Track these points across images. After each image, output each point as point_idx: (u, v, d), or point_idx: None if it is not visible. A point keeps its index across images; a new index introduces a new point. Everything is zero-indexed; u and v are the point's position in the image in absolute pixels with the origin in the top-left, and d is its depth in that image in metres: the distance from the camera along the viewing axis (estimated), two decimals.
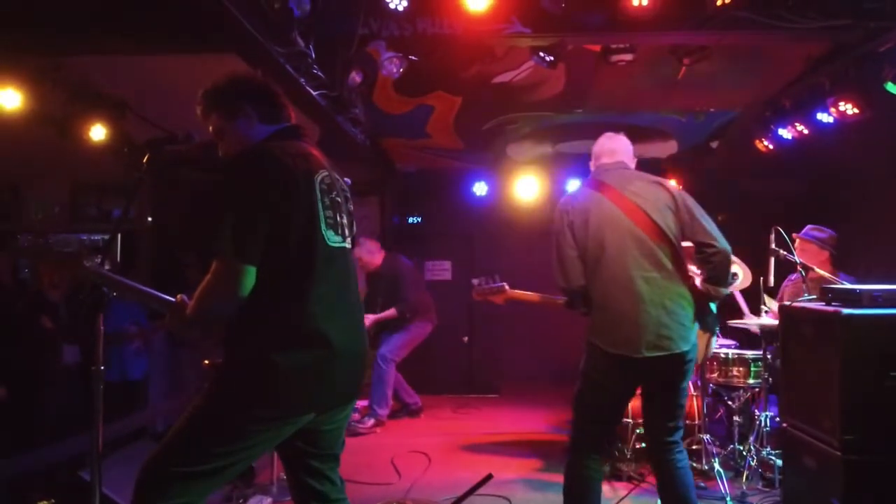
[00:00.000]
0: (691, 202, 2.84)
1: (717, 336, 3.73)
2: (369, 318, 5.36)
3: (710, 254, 2.76)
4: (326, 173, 2.08)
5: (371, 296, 5.70)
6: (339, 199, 2.09)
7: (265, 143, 2.05)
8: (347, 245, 2.12)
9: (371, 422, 5.43)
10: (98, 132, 4.77)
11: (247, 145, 2.07)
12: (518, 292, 3.66)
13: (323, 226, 1.99)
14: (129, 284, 2.19)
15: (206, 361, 2.67)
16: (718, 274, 2.79)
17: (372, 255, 5.74)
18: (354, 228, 2.21)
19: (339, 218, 2.08)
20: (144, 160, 2.30)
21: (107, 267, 6.72)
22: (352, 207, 2.21)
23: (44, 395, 4.82)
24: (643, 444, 3.90)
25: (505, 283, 3.59)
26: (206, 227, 1.92)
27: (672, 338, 2.70)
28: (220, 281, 1.89)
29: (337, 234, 2.05)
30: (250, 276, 1.87)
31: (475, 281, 3.66)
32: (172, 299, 2.09)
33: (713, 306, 2.92)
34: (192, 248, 6.49)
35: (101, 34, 3.84)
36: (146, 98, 4.89)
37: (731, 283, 3.00)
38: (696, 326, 2.83)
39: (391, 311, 5.60)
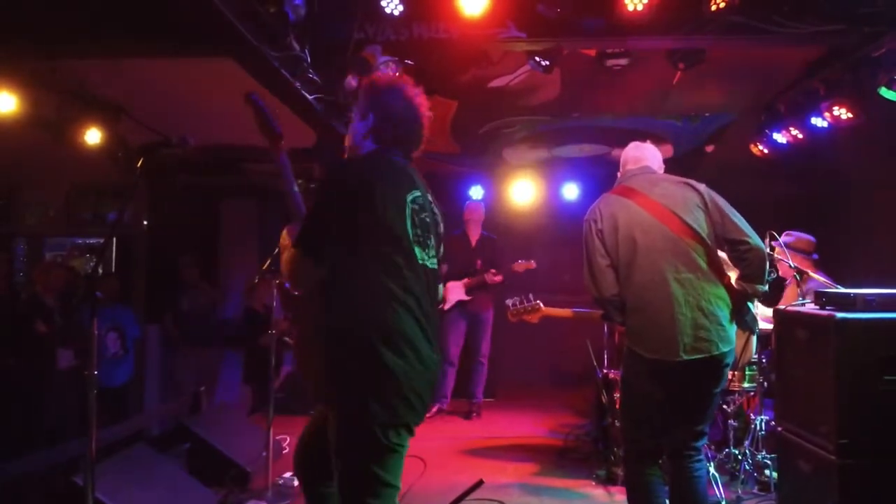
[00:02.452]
0: (721, 200, 2.80)
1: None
2: (499, 276, 6.01)
3: (743, 251, 2.72)
4: (419, 194, 2.18)
5: (465, 260, 6.15)
6: (427, 220, 2.18)
7: (368, 154, 2.22)
8: (430, 265, 2.17)
9: (478, 406, 6.22)
10: (93, 136, 4.77)
11: (353, 148, 2.28)
12: (553, 310, 3.61)
13: (411, 241, 2.08)
14: (290, 177, 2.32)
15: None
16: (754, 271, 2.74)
17: (481, 220, 6.27)
18: (441, 251, 2.29)
19: (427, 239, 2.17)
20: (139, 164, 2.30)
21: (101, 271, 6.74)
22: (441, 230, 2.30)
23: (38, 399, 4.80)
24: None
25: (539, 302, 3.55)
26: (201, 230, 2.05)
27: (711, 339, 2.65)
28: (287, 261, 2.09)
29: (423, 251, 2.14)
30: (307, 265, 2.04)
31: (509, 302, 3.64)
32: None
33: (751, 305, 2.89)
34: (188, 250, 6.49)
35: (97, 38, 3.83)
36: (142, 102, 4.88)
37: (769, 281, 2.97)
38: (734, 327, 2.78)
39: (500, 277, 6.08)
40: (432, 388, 2.15)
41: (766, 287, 2.82)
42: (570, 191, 7.43)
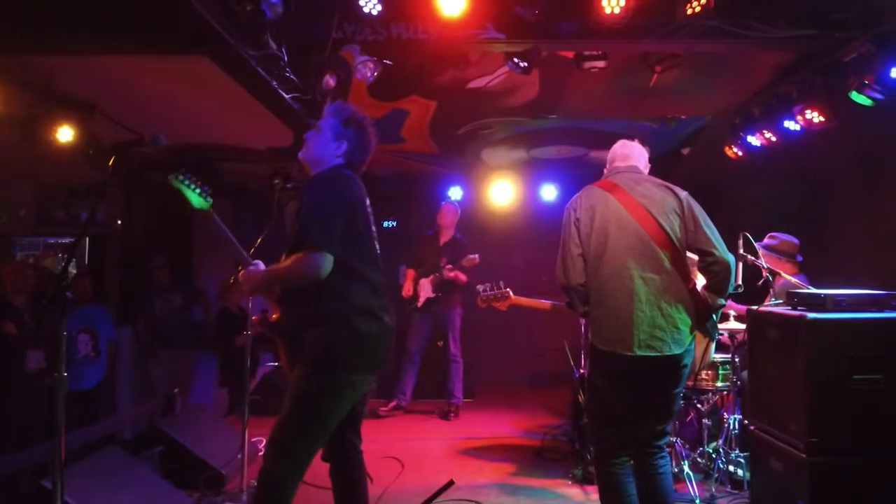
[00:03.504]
0: (698, 209, 2.86)
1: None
2: (452, 272, 6.07)
3: (710, 262, 2.78)
4: (368, 201, 2.76)
5: (433, 259, 6.24)
6: (373, 220, 2.79)
7: (340, 168, 2.73)
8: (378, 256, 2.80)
9: (457, 404, 6.26)
10: (65, 134, 4.67)
11: (321, 163, 2.74)
12: (522, 299, 3.67)
13: (373, 239, 2.73)
14: (230, 237, 2.75)
15: (255, 317, 3.07)
16: (717, 284, 2.80)
17: (454, 223, 6.37)
18: None
19: (376, 235, 2.78)
20: (110, 162, 2.27)
21: (74, 271, 6.60)
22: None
23: (6, 401, 4.70)
24: None
25: (509, 290, 3.60)
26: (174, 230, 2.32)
27: (665, 340, 2.71)
28: (301, 261, 2.51)
29: (376, 245, 2.76)
30: (329, 261, 2.50)
31: (480, 287, 3.69)
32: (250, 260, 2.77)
33: (713, 315, 2.93)
34: (161, 251, 6.40)
35: (69, 34, 3.76)
36: (115, 100, 4.80)
37: (735, 293, 3.03)
38: (694, 332, 2.82)
39: (464, 277, 6.13)
40: (387, 350, 2.72)
41: (725, 302, 2.89)
42: (549, 192, 7.47)
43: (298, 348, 2.60)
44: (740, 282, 3.47)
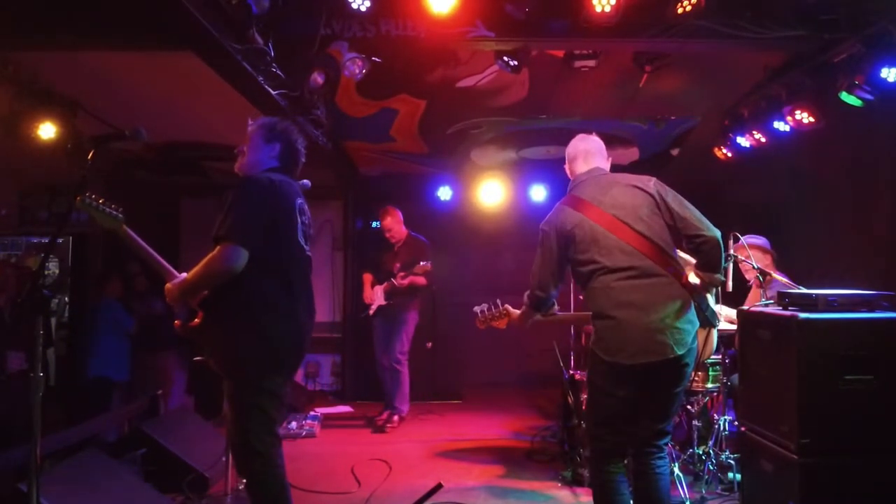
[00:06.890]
0: (671, 197, 2.84)
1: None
2: (406, 279, 5.70)
3: (699, 243, 2.77)
4: (302, 201, 2.86)
5: (388, 264, 5.92)
6: (306, 222, 2.88)
7: (267, 171, 2.80)
8: (308, 253, 2.89)
9: (396, 418, 5.79)
10: (48, 130, 4.59)
11: (256, 167, 2.82)
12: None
13: (300, 234, 2.80)
14: (150, 252, 2.83)
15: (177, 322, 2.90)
16: (709, 260, 2.80)
17: (400, 225, 5.99)
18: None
19: (307, 233, 2.88)
20: (89, 157, 2.21)
21: (57, 271, 6.46)
22: (311, 229, 2.96)
23: None
24: None
25: (507, 306, 3.57)
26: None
27: (667, 343, 2.69)
28: (223, 257, 2.57)
29: (305, 243, 2.84)
30: (244, 256, 2.55)
31: (477, 309, 3.64)
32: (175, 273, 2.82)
33: (711, 299, 2.92)
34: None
35: (53, 29, 3.70)
36: (100, 97, 4.73)
37: (727, 267, 3.03)
38: (695, 328, 2.81)
39: (422, 279, 5.78)
40: (302, 346, 2.80)
41: (723, 276, 2.89)
42: (538, 192, 7.44)
43: (215, 347, 2.71)
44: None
